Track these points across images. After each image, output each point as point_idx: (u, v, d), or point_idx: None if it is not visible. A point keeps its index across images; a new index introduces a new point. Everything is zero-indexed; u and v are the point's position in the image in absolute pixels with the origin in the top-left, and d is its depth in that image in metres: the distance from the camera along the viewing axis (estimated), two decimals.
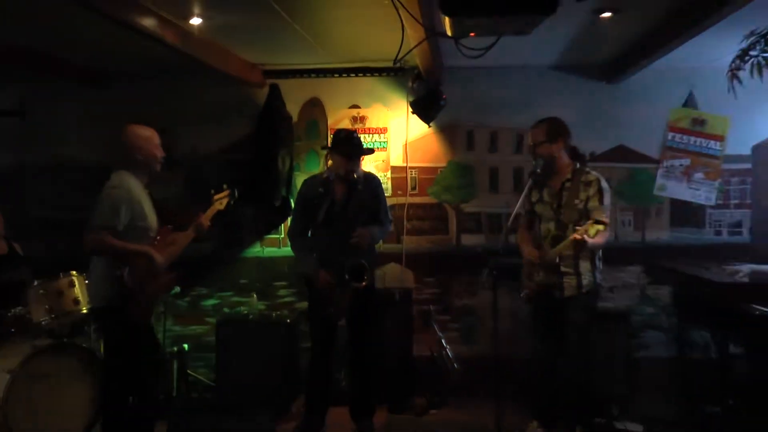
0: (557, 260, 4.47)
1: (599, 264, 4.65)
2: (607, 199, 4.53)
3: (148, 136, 4.33)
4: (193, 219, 4.58)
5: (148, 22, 4.30)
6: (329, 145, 5.00)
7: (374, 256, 5.08)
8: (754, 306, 4.27)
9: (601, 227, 4.12)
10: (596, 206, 4.48)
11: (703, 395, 4.96)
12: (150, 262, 4.19)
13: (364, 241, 4.78)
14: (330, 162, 4.98)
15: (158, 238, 4.35)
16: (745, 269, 4.94)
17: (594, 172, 4.62)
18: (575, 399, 4.73)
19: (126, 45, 4.98)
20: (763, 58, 3.71)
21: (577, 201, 4.53)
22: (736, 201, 5.98)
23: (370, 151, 5.27)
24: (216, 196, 4.72)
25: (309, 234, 5.00)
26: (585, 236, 4.15)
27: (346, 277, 4.68)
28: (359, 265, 4.71)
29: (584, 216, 4.43)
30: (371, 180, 5.01)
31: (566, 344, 4.65)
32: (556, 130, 4.60)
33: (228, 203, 4.75)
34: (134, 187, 4.22)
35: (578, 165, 4.64)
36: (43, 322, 4.86)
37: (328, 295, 4.74)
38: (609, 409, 5.28)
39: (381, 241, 5.40)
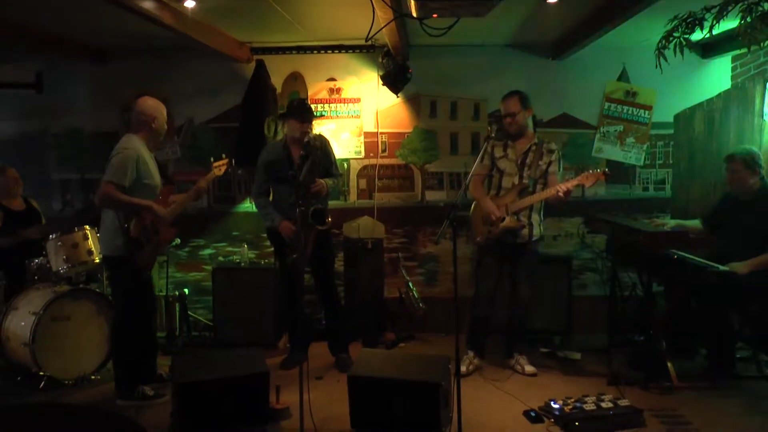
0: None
1: (542, 218, 4.83)
2: (561, 166, 4.81)
3: (160, 108, 4.38)
4: (195, 180, 4.64)
5: (148, 5, 4.26)
6: (284, 113, 4.99)
7: (327, 205, 5.07)
8: (672, 251, 4.45)
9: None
10: (555, 170, 4.76)
11: (631, 326, 5.11)
12: (154, 216, 4.24)
13: (323, 190, 4.79)
14: (286, 127, 4.97)
15: (161, 196, 4.40)
16: (670, 224, 5.10)
17: (554, 144, 4.83)
18: (521, 331, 4.94)
19: (128, 25, 4.93)
20: (684, 39, 3.77)
21: (540, 163, 4.73)
22: (661, 162, 6.11)
23: (320, 116, 5.60)
24: (215, 164, 4.76)
25: (270, 193, 5.04)
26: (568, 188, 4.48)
27: (310, 220, 4.69)
28: (320, 209, 4.77)
29: (543, 175, 4.72)
30: (322, 140, 5.00)
31: (515, 285, 4.83)
32: (526, 101, 4.75)
33: (225, 170, 4.79)
34: (142, 149, 4.25)
35: (538, 134, 4.82)
36: (61, 271, 4.90)
37: (293, 243, 4.71)
38: (552, 339, 5.49)
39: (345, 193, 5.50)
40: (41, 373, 4.56)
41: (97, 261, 4.97)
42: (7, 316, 4.80)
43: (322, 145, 4.93)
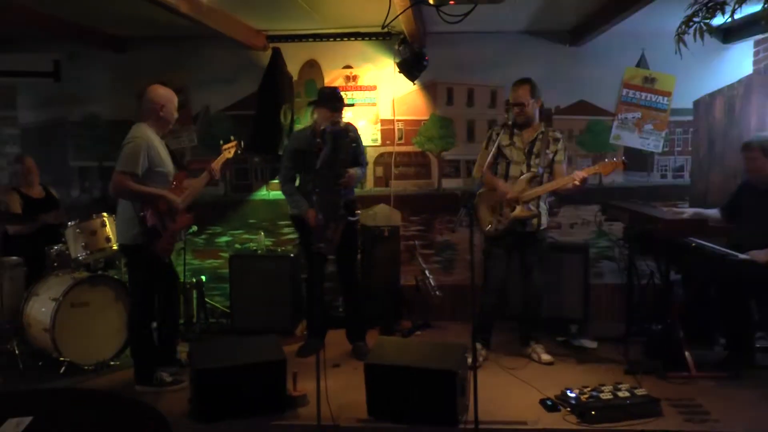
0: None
1: (548, 206, 4.84)
2: (566, 155, 4.79)
3: (170, 97, 4.37)
4: (206, 167, 4.66)
5: None
6: (315, 101, 4.97)
7: (353, 194, 5.10)
8: (691, 239, 4.40)
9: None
10: (561, 159, 4.72)
11: (648, 315, 5.09)
12: (168, 204, 4.26)
13: (352, 181, 4.83)
14: (315, 115, 4.95)
15: (175, 182, 4.42)
16: (689, 212, 5.05)
17: (559, 132, 4.79)
18: (535, 319, 4.93)
19: (144, 14, 4.94)
20: (705, 23, 3.71)
21: (548, 151, 4.68)
22: (679, 148, 6.02)
23: (350, 104, 5.49)
24: (224, 146, 4.77)
25: (297, 180, 5.03)
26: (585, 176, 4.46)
27: (342, 212, 4.73)
28: (352, 201, 4.80)
29: (549, 164, 4.67)
30: (351, 129, 5.00)
31: (527, 273, 4.81)
32: (536, 90, 4.71)
33: (235, 152, 4.80)
34: (152, 137, 4.25)
35: (543, 123, 4.78)
36: (80, 257, 4.95)
37: (319, 232, 4.73)
38: (568, 328, 5.45)
39: (362, 182, 5.48)
40: (62, 359, 4.62)
41: (115, 248, 4.98)
42: (28, 302, 4.87)
43: (354, 135, 4.94)
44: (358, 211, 4.84)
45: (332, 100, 4.83)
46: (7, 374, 4.67)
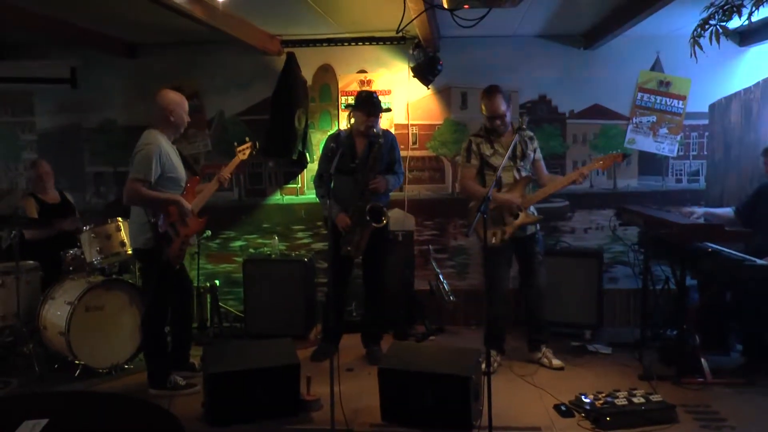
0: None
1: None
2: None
3: (179, 101, 4.38)
4: (216, 173, 4.68)
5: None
6: (352, 104, 4.96)
7: (388, 201, 5.11)
8: (707, 244, 4.36)
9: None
10: (540, 157, 4.81)
11: (663, 321, 5.05)
12: (180, 209, 4.27)
13: (381, 187, 4.81)
14: (353, 119, 4.94)
15: (187, 187, 4.43)
16: (699, 211, 5.00)
17: (529, 130, 4.83)
18: (541, 320, 4.89)
19: (160, 20, 4.97)
20: (720, 26, 3.68)
21: (529, 152, 4.72)
22: (695, 153, 5.96)
23: (387, 109, 5.44)
24: (239, 148, 4.79)
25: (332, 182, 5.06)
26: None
27: (367, 218, 4.74)
28: (378, 207, 4.78)
29: (533, 164, 4.76)
30: (388, 135, 4.99)
31: (530, 275, 4.79)
32: (506, 95, 4.72)
33: (250, 153, 4.81)
34: (163, 142, 4.27)
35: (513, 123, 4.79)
36: (95, 262, 4.96)
37: (348, 235, 4.80)
38: (582, 334, 5.42)
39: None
40: (77, 362, 4.65)
41: (130, 252, 5.01)
42: (44, 306, 4.91)
43: (388, 141, 4.92)
44: (384, 219, 4.79)
45: (366, 104, 4.81)
46: (23, 377, 4.72)
